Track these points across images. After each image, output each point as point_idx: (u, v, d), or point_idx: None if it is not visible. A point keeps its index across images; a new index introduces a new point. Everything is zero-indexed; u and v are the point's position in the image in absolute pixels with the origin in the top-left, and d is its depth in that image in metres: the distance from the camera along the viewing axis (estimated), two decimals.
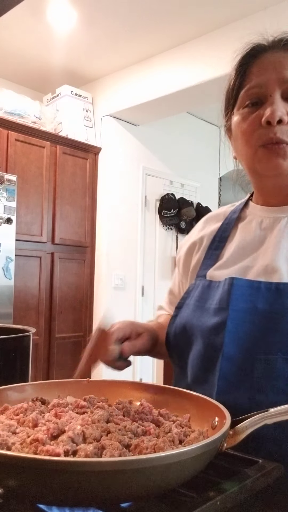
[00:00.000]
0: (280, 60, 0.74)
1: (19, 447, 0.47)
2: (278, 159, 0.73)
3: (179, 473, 0.45)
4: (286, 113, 0.72)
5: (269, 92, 0.73)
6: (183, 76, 3.34)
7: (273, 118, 0.71)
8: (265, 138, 0.73)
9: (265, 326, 0.70)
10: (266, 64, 0.75)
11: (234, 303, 0.72)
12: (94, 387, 0.70)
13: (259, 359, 0.69)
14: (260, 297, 0.71)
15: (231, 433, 0.52)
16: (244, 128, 0.76)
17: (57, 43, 3.35)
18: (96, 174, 3.92)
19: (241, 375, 0.70)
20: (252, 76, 0.76)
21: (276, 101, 0.72)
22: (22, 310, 3.33)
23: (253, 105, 0.75)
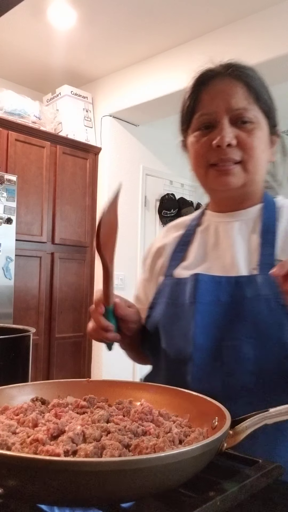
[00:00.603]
0: (226, 89, 0.84)
1: (19, 447, 0.47)
2: (227, 178, 0.83)
3: (179, 473, 0.45)
4: (234, 137, 0.82)
5: (218, 119, 0.83)
6: (183, 76, 3.33)
7: (223, 143, 0.81)
8: (215, 159, 0.83)
9: (229, 315, 0.79)
10: (215, 92, 0.84)
11: (200, 297, 0.81)
12: (94, 387, 0.70)
13: (226, 345, 0.78)
14: (222, 290, 0.80)
15: (231, 433, 0.52)
16: (197, 149, 0.86)
17: (57, 43, 3.35)
18: (96, 174, 3.92)
19: (212, 362, 0.78)
20: (203, 103, 0.85)
21: (224, 127, 0.82)
22: (22, 310, 3.33)
23: (205, 128, 0.85)
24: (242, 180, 0.84)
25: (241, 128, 0.83)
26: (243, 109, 0.82)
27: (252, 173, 0.84)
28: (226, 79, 0.85)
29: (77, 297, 3.74)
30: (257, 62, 2.92)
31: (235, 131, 0.82)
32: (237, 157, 0.83)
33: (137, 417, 0.58)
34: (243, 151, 0.82)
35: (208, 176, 0.86)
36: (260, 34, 2.92)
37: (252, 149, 0.82)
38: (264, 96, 0.85)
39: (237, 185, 0.84)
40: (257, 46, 2.93)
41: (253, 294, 0.78)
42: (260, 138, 0.84)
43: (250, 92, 0.83)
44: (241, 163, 0.83)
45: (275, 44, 2.85)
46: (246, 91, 0.83)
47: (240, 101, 0.83)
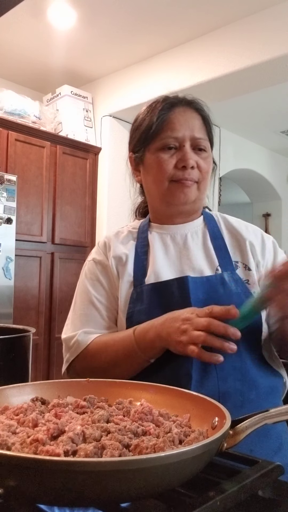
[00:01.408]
0: (191, 119, 0.98)
1: (19, 447, 0.47)
2: (187, 194, 0.98)
3: (179, 473, 0.45)
4: (195, 161, 0.96)
5: (184, 144, 0.97)
6: (183, 76, 3.34)
7: (188, 165, 0.95)
8: (180, 177, 0.97)
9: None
10: (182, 120, 0.97)
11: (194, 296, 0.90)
12: (94, 387, 0.70)
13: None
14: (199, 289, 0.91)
15: (231, 433, 0.52)
16: (163, 166, 0.97)
17: (57, 43, 3.35)
18: (96, 174, 3.92)
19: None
20: (171, 126, 0.97)
21: (189, 151, 0.96)
22: (22, 310, 3.33)
23: (168, 149, 0.97)
24: (194, 197, 0.99)
25: (199, 155, 0.98)
26: (202, 139, 0.98)
27: (202, 192, 1.01)
28: (189, 109, 0.99)
29: None
30: (257, 62, 2.92)
31: (195, 157, 0.97)
32: (195, 178, 0.98)
33: (137, 417, 0.58)
34: (200, 173, 0.98)
35: (170, 190, 0.98)
36: (260, 34, 2.92)
37: (206, 172, 0.99)
38: (212, 130, 1.03)
39: (191, 201, 0.99)
40: (257, 46, 2.93)
41: (224, 290, 0.91)
42: (210, 164, 1.01)
43: (204, 125, 1.00)
44: (196, 183, 0.98)
45: (275, 44, 2.85)
46: (202, 124, 1.00)
47: (200, 131, 0.98)
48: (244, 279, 0.95)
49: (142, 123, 1.02)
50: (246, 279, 0.95)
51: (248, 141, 5.33)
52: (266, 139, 5.35)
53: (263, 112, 4.47)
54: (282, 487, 0.55)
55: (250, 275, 0.96)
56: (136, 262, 1.01)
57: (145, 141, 1.01)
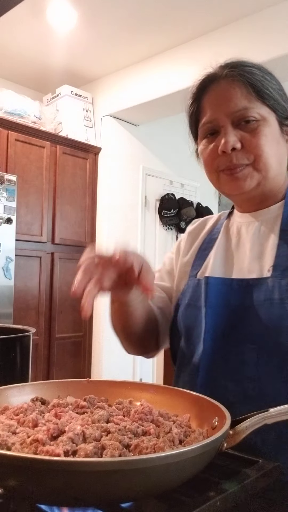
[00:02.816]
0: (224, 93, 0.82)
1: (19, 447, 0.47)
2: (239, 182, 0.82)
3: (179, 473, 0.45)
4: (239, 139, 0.80)
5: (221, 125, 0.82)
6: (183, 76, 3.34)
7: (227, 148, 0.80)
8: (224, 165, 0.82)
9: (236, 319, 0.78)
10: (214, 99, 0.84)
11: (210, 300, 0.80)
12: (94, 387, 0.70)
13: (231, 350, 0.77)
14: (233, 293, 0.79)
15: (231, 433, 0.52)
16: (205, 157, 0.86)
17: (57, 43, 3.35)
18: (96, 174, 3.92)
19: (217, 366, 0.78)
20: (205, 111, 0.85)
21: (228, 132, 0.80)
22: (22, 310, 3.33)
23: (210, 135, 0.84)
24: (255, 181, 0.82)
25: (245, 129, 0.80)
26: (244, 109, 0.80)
27: (264, 172, 0.81)
28: (223, 82, 0.83)
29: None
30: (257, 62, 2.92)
31: (239, 134, 0.80)
32: (245, 161, 0.80)
33: (137, 417, 0.58)
34: (250, 152, 0.80)
35: (220, 181, 0.85)
36: (260, 34, 2.92)
37: (259, 147, 0.79)
38: (268, 90, 0.82)
39: (250, 188, 0.82)
40: (257, 46, 2.93)
41: (263, 298, 0.76)
42: (267, 134, 0.80)
43: (250, 90, 0.81)
44: (251, 165, 0.81)
45: (275, 44, 2.85)
46: (245, 90, 0.81)
47: (239, 102, 0.80)
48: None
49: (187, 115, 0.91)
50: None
51: None
52: None
53: None
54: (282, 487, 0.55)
55: None
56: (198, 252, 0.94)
57: (192, 134, 0.91)
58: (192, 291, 0.87)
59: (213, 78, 0.85)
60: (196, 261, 0.93)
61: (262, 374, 0.74)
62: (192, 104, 0.88)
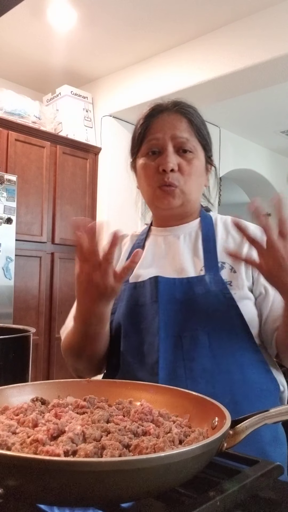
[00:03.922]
0: (173, 121, 0.99)
1: (19, 447, 0.47)
2: (170, 198, 0.98)
3: (179, 473, 0.45)
4: (176, 164, 0.96)
5: (164, 145, 0.97)
6: (183, 76, 3.34)
7: (167, 168, 0.96)
8: (161, 182, 0.97)
9: (184, 311, 0.92)
10: (163, 122, 0.99)
11: (161, 296, 0.93)
12: (94, 387, 0.70)
13: (185, 336, 0.91)
14: (177, 289, 0.94)
15: (231, 433, 0.52)
16: (147, 172, 1.00)
17: (57, 43, 3.35)
18: (96, 174, 3.92)
19: (174, 351, 0.90)
20: (152, 131, 1.00)
21: (169, 154, 0.96)
22: (22, 310, 3.33)
23: (153, 154, 1.00)
24: (180, 201, 0.99)
25: (182, 157, 0.97)
26: (185, 139, 0.97)
27: (188, 195, 0.99)
28: (172, 113, 1.00)
29: None
30: (257, 62, 2.92)
31: (178, 159, 0.97)
32: (177, 182, 0.97)
33: (137, 417, 0.58)
34: (182, 176, 0.97)
35: (155, 195, 1.00)
36: (260, 34, 2.92)
37: (190, 175, 0.97)
38: (203, 131, 1.01)
39: (177, 205, 0.99)
40: (257, 46, 2.93)
41: (203, 291, 0.92)
42: (197, 166, 0.99)
43: (191, 127, 0.99)
44: (179, 187, 0.97)
45: (275, 44, 2.85)
46: (188, 125, 0.99)
47: (183, 132, 0.98)
48: (227, 280, 0.94)
49: (134, 131, 1.06)
50: (229, 281, 0.94)
51: (248, 141, 5.32)
52: (266, 139, 5.35)
53: (263, 112, 4.46)
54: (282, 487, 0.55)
55: (235, 277, 0.95)
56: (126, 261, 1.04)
57: (134, 147, 1.05)
58: (128, 294, 0.98)
59: (162, 108, 1.01)
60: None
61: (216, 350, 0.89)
62: (140, 126, 1.03)
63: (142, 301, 0.96)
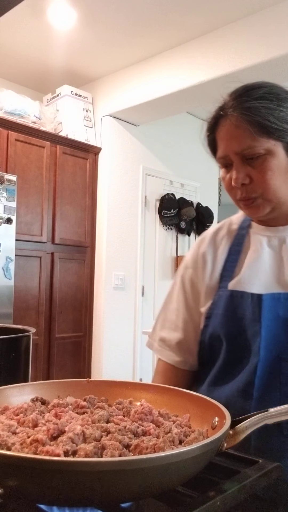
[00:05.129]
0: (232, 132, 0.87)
1: (19, 447, 0.47)
2: (254, 210, 0.90)
3: (179, 473, 0.45)
4: (247, 175, 0.87)
5: (231, 161, 0.89)
6: (183, 76, 3.34)
7: (237, 184, 0.87)
8: (239, 196, 0.90)
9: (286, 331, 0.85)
10: (223, 135, 0.89)
11: (264, 315, 0.86)
12: (94, 387, 0.70)
13: (285, 358, 0.84)
14: (281, 306, 0.85)
15: (231, 433, 0.52)
16: (225, 186, 0.93)
17: (57, 43, 3.35)
18: (96, 174, 3.92)
19: (272, 374, 0.85)
20: (218, 145, 0.91)
21: (237, 169, 0.87)
22: (22, 310, 3.33)
23: (226, 168, 0.91)
24: (268, 209, 0.89)
25: (253, 164, 0.86)
26: (248, 148, 0.85)
27: (275, 200, 0.88)
28: (230, 119, 0.87)
29: (77, 297, 3.74)
30: (257, 62, 2.92)
31: (247, 169, 0.87)
32: (255, 194, 0.87)
33: (137, 417, 0.58)
34: (258, 186, 0.87)
35: (239, 206, 0.93)
36: (260, 34, 2.92)
37: (265, 182, 0.86)
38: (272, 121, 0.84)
39: (265, 213, 0.90)
40: (257, 46, 2.93)
41: None
42: (273, 168, 0.86)
43: (254, 128, 0.84)
44: (260, 196, 0.88)
45: (275, 44, 2.85)
46: (249, 128, 0.84)
47: (243, 141, 0.85)
48: None
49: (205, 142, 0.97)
50: None
51: None
52: None
53: None
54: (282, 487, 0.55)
55: None
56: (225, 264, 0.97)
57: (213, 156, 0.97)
58: (226, 301, 0.92)
59: (221, 115, 0.90)
60: (224, 272, 0.97)
61: None
62: (208, 136, 0.94)
63: (241, 314, 0.89)
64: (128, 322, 3.95)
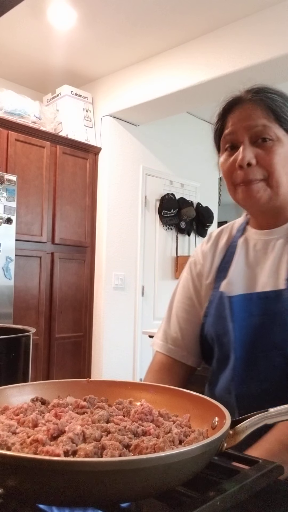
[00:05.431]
0: (247, 111, 0.89)
1: (19, 447, 0.47)
2: (252, 195, 0.89)
3: (179, 473, 0.45)
4: (254, 156, 0.87)
5: (240, 139, 0.89)
6: (183, 76, 3.34)
7: (243, 163, 0.87)
8: (240, 179, 0.89)
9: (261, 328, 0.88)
10: (237, 116, 0.90)
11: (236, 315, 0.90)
12: (94, 387, 0.70)
13: (260, 355, 0.87)
14: (253, 305, 0.89)
15: (231, 433, 0.52)
16: (225, 170, 0.92)
17: (57, 43, 3.35)
18: (96, 174, 3.92)
19: (249, 370, 0.88)
20: (228, 125, 0.92)
21: (245, 148, 0.87)
22: (22, 310, 3.33)
23: (231, 149, 0.91)
24: (267, 196, 0.89)
25: (261, 147, 0.87)
26: (262, 126, 0.87)
27: (276, 188, 0.88)
28: (247, 103, 0.90)
29: (77, 297, 3.74)
30: (257, 62, 2.92)
31: (255, 150, 0.87)
32: (259, 176, 0.88)
33: (137, 417, 0.58)
34: (263, 168, 0.87)
35: (237, 194, 0.92)
36: (260, 34, 2.92)
37: (272, 165, 0.87)
38: (286, 114, 0.89)
39: (263, 201, 0.89)
40: (257, 46, 2.93)
41: (281, 308, 0.86)
42: (280, 154, 0.87)
43: (269, 112, 0.88)
44: (264, 180, 0.88)
45: (275, 44, 2.85)
46: (265, 112, 0.88)
47: (259, 120, 0.87)
48: None
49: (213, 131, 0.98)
50: None
51: None
52: None
53: None
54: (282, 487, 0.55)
55: None
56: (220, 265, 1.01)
57: (216, 147, 0.98)
58: (217, 302, 0.96)
59: (238, 101, 0.92)
60: (218, 273, 1.01)
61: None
62: (217, 122, 0.95)
63: (225, 314, 0.93)
64: (128, 322, 3.95)
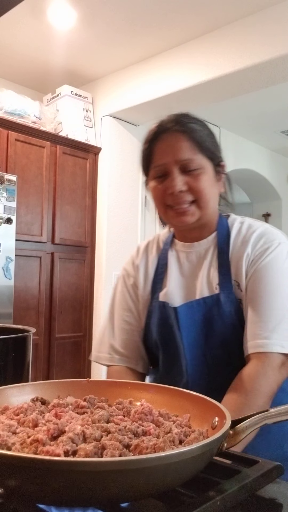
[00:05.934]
0: (174, 144, 0.98)
1: (19, 447, 0.47)
2: (184, 217, 0.99)
3: (179, 473, 0.45)
4: (184, 183, 0.97)
5: (169, 170, 0.98)
6: (183, 76, 3.34)
7: (175, 190, 0.97)
8: (171, 202, 0.99)
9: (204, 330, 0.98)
10: (164, 147, 0.99)
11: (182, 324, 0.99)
12: (94, 387, 0.70)
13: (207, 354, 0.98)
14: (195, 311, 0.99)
15: (231, 433, 0.52)
16: (158, 194, 1.02)
17: (57, 43, 3.35)
18: (96, 174, 3.92)
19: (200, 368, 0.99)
20: (156, 156, 1.00)
21: (176, 177, 0.97)
22: (22, 310, 3.33)
23: (159, 177, 1.00)
24: (196, 216, 1.00)
25: (189, 175, 0.98)
26: (189, 160, 0.97)
27: (204, 208, 1.00)
28: (172, 134, 0.98)
29: (77, 297, 3.74)
30: (257, 62, 2.92)
31: (184, 179, 0.97)
32: (189, 198, 0.98)
33: (137, 417, 0.58)
34: (193, 193, 0.98)
35: (168, 215, 1.02)
36: (260, 34, 2.92)
37: (200, 190, 0.98)
38: (207, 144, 1.00)
39: (193, 220, 1.00)
40: (257, 46, 2.93)
41: (217, 311, 0.97)
42: (206, 180, 0.99)
43: (193, 144, 0.98)
44: (194, 202, 0.99)
45: (275, 44, 2.85)
46: (190, 144, 0.97)
47: (185, 153, 0.97)
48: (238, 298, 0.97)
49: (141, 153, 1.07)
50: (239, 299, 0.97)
51: (248, 141, 5.32)
52: (266, 139, 5.35)
53: (263, 112, 4.46)
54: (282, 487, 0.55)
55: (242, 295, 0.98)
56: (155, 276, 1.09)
57: (144, 171, 1.07)
58: (159, 311, 1.04)
59: (163, 129, 1.00)
60: (154, 285, 1.09)
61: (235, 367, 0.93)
62: (146, 149, 1.03)
63: (169, 323, 1.02)
64: None
